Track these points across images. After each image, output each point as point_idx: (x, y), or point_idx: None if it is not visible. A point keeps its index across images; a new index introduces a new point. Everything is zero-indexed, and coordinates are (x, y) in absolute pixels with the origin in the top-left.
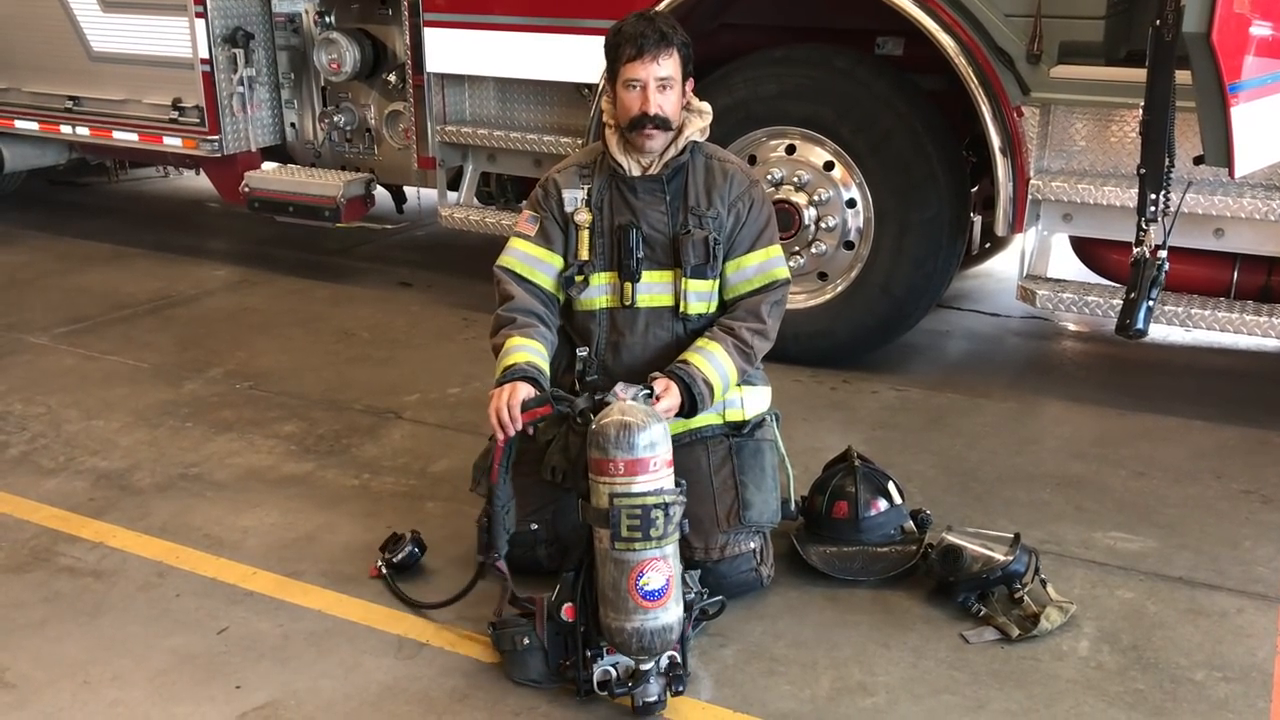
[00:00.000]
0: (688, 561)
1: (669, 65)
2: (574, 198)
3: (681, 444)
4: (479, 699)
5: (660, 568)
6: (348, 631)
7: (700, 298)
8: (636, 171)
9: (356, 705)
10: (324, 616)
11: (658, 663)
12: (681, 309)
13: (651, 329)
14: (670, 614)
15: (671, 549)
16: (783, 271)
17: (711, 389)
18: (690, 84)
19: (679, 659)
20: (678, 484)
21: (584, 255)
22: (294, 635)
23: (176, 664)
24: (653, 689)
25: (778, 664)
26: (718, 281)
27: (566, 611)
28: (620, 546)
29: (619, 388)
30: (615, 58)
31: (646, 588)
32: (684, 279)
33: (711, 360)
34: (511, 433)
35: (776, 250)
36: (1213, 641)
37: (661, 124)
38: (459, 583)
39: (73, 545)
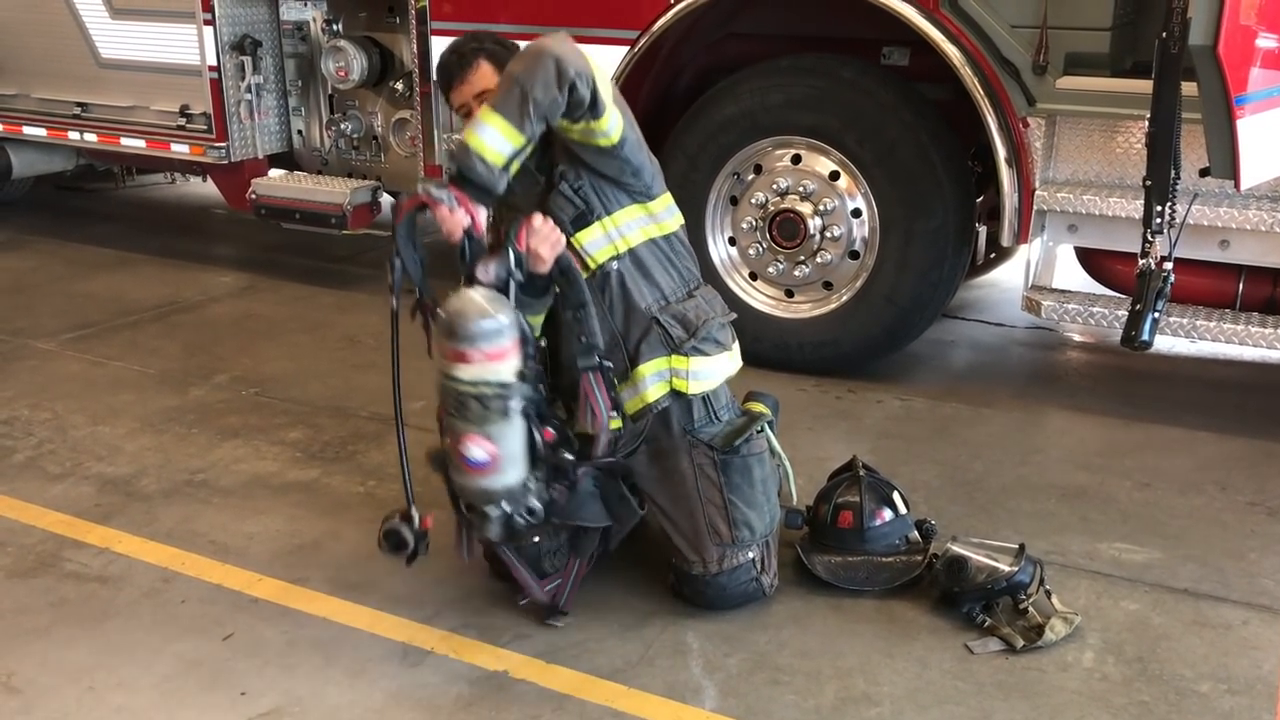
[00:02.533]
0: (685, 575)
1: (480, 78)
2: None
3: (663, 450)
4: (483, 706)
5: (481, 444)
6: (352, 638)
7: (597, 244)
8: None
9: (361, 712)
10: (329, 623)
11: (505, 510)
12: (590, 264)
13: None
14: (496, 481)
15: (499, 430)
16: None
17: (479, 153)
18: None
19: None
20: (528, 376)
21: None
22: (299, 641)
23: (182, 670)
24: (494, 528)
25: (782, 673)
26: (613, 219)
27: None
28: (448, 417)
29: (482, 268)
30: (445, 96)
31: (469, 457)
32: (571, 237)
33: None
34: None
35: None
36: (1218, 653)
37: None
38: (464, 589)
39: (79, 551)
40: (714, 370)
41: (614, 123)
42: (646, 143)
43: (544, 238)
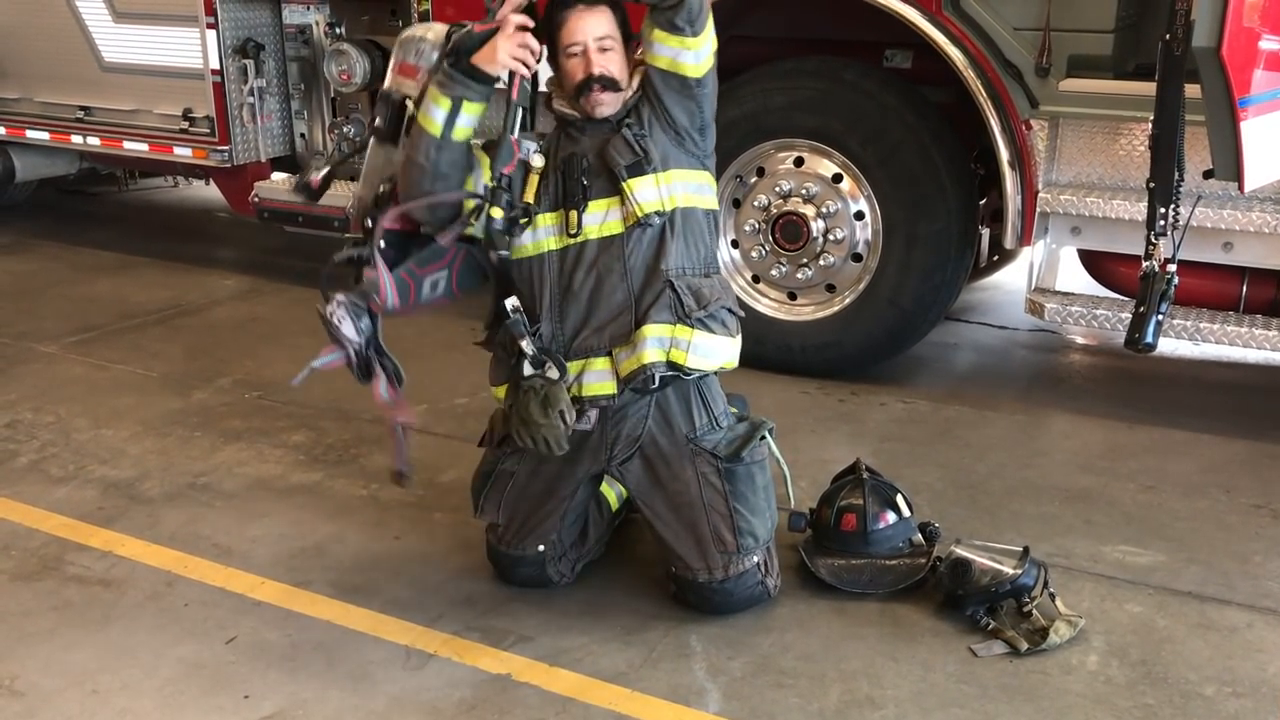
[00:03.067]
0: (689, 583)
1: (604, 23)
2: (528, 148)
3: (664, 457)
4: (486, 710)
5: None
6: (355, 642)
7: (647, 195)
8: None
9: (364, 716)
10: (332, 626)
11: None
12: (634, 210)
13: (601, 259)
14: None
15: None
16: None
17: None
18: (635, 47)
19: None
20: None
21: (529, 198)
22: (302, 645)
23: (185, 673)
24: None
25: (786, 676)
26: (666, 175)
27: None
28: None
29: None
30: (552, 27)
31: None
32: (624, 182)
33: None
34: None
35: None
36: (1222, 656)
37: (609, 84)
38: (466, 592)
39: (82, 554)
40: (715, 350)
41: (705, 52)
42: None
43: (508, 41)
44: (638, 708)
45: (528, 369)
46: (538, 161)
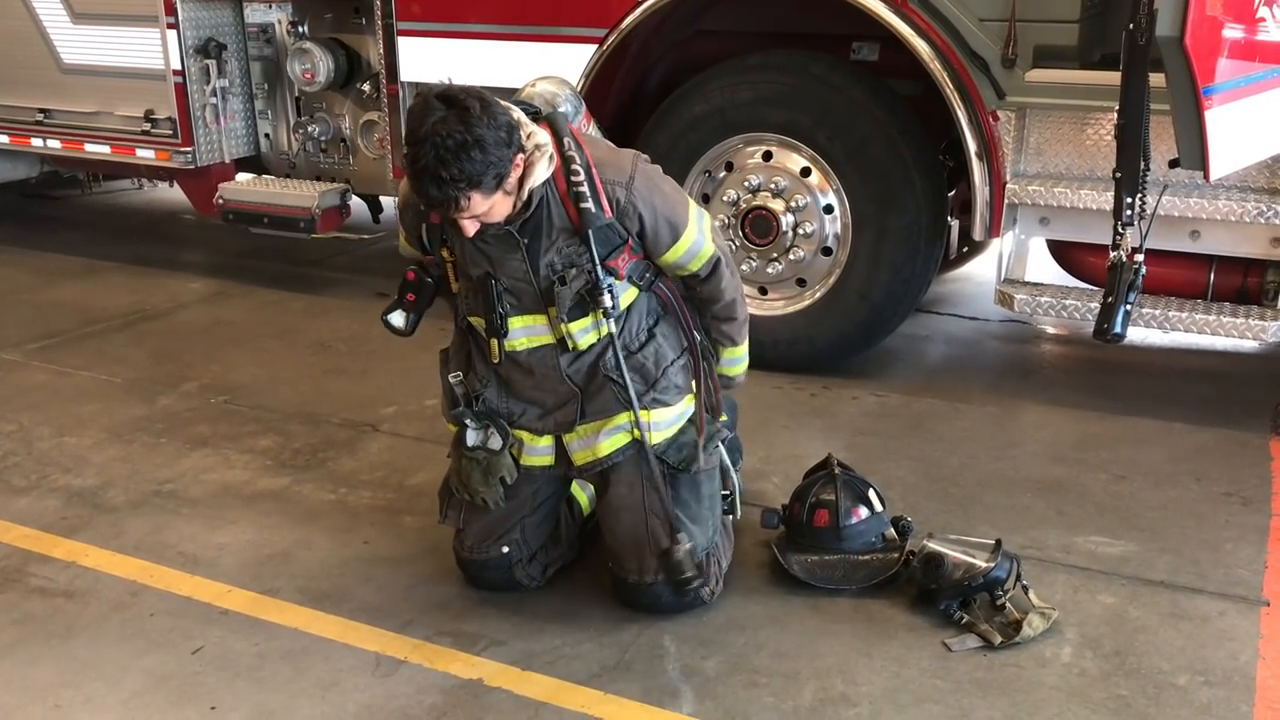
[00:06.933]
0: (620, 582)
1: (473, 205)
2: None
3: (613, 464)
4: (458, 716)
5: None
6: (324, 649)
7: (586, 332)
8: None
9: None
10: (300, 634)
11: None
12: (571, 347)
13: (535, 365)
14: None
15: None
16: (708, 249)
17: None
18: (518, 165)
19: None
20: None
21: (455, 289)
22: (270, 654)
23: (150, 685)
24: None
25: (759, 675)
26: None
27: None
28: None
29: None
30: None
31: None
32: (563, 324)
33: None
34: None
35: (693, 230)
36: (1195, 645)
37: (493, 228)
38: (437, 597)
39: (44, 565)
40: (676, 416)
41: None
42: (620, 147)
43: None
44: (611, 711)
45: (471, 439)
46: (445, 254)
